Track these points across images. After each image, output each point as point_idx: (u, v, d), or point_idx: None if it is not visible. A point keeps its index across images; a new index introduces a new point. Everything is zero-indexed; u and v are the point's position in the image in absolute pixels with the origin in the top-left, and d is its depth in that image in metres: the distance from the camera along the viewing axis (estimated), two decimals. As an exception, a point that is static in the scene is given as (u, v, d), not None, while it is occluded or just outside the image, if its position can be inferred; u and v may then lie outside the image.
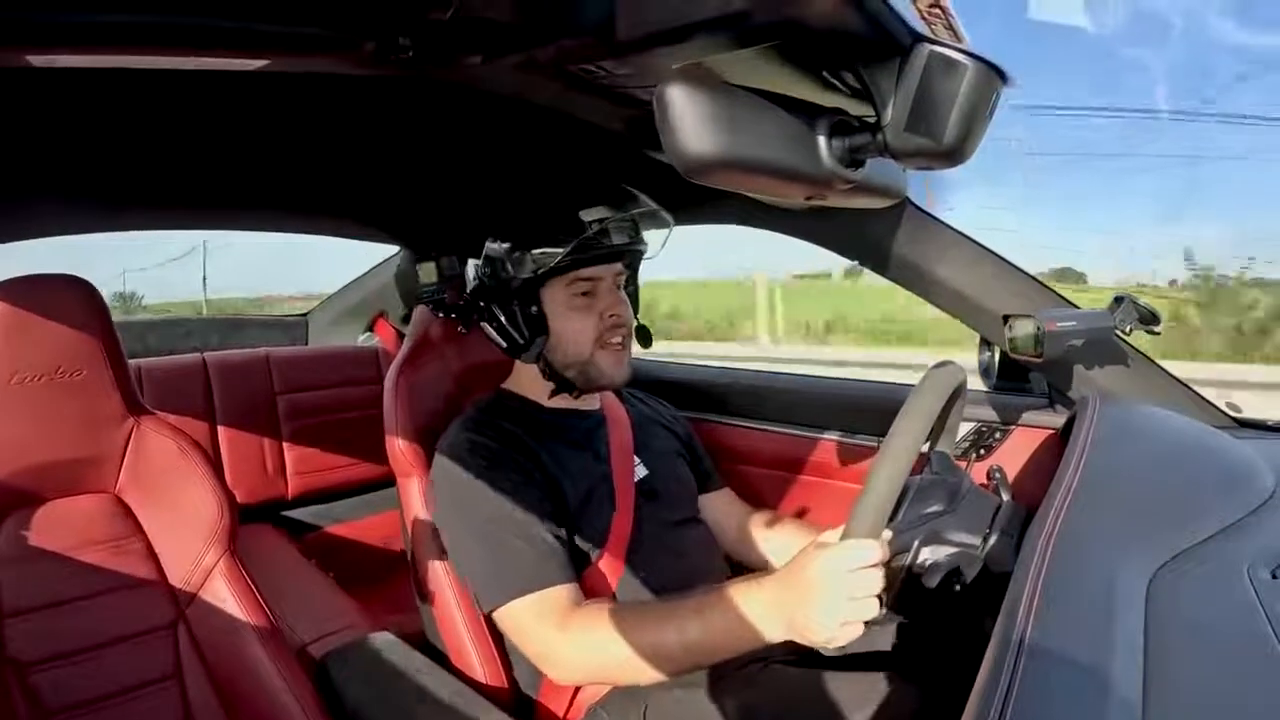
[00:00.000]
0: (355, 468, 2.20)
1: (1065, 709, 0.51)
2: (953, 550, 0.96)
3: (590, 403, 1.39)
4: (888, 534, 0.90)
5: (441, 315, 1.49)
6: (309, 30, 0.86)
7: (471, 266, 1.32)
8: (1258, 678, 0.56)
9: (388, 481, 1.39)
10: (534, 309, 1.26)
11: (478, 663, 1.25)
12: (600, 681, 1.18)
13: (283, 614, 1.27)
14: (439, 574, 1.29)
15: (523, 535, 1.16)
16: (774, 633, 0.94)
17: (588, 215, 1.21)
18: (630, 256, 1.32)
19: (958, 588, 0.95)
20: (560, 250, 1.20)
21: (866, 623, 0.88)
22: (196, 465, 1.23)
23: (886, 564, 0.89)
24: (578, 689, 1.22)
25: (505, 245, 1.25)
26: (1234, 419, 1.29)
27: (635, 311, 1.40)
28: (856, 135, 0.64)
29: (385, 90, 1.12)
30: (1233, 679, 0.56)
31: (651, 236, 1.33)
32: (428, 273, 1.45)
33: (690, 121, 0.56)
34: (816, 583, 0.89)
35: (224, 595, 1.19)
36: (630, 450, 1.37)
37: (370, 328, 2.54)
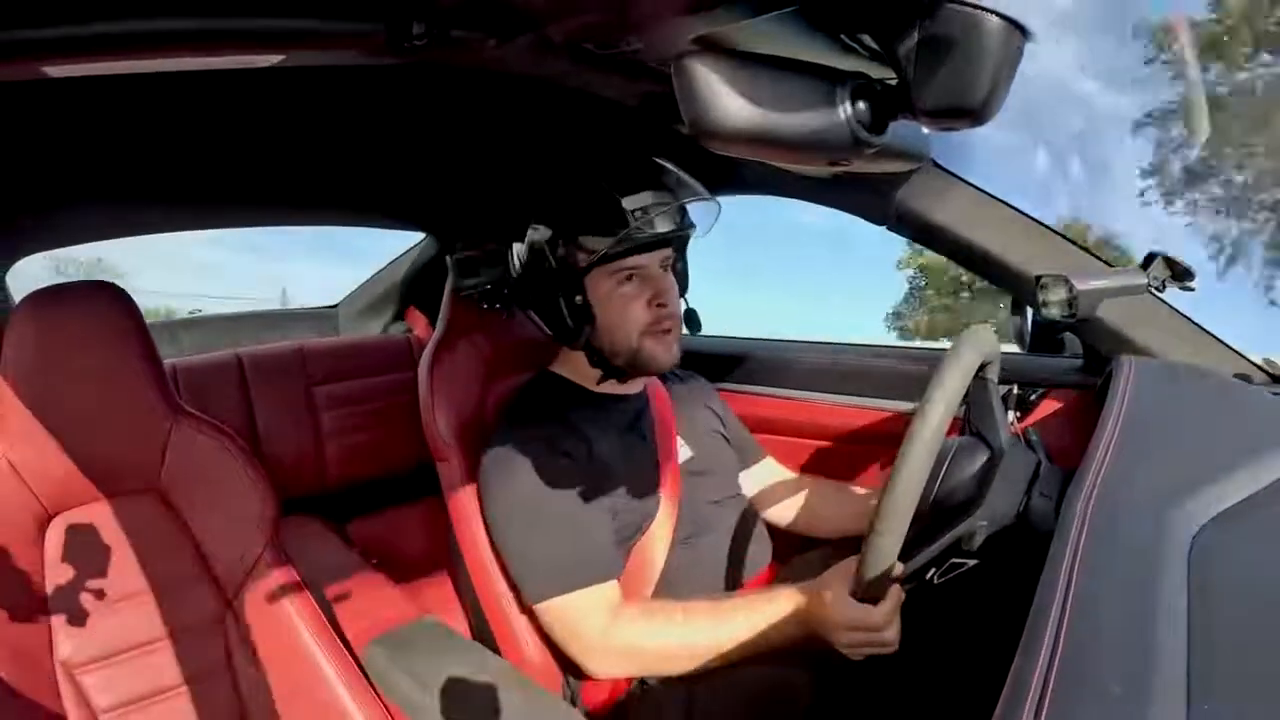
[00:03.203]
0: (394, 455, 2.20)
1: (1110, 670, 0.50)
2: (975, 547, 0.94)
3: (636, 386, 1.39)
4: (899, 567, 0.91)
5: (485, 306, 1.48)
6: (320, 22, 0.86)
7: (515, 253, 1.29)
8: None
9: (427, 468, 1.40)
10: (579, 298, 1.23)
11: (525, 645, 1.27)
12: (638, 675, 1.19)
13: (328, 603, 1.29)
14: (484, 560, 1.30)
15: (570, 529, 1.16)
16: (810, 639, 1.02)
17: (631, 203, 1.17)
18: (676, 241, 1.28)
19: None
20: (605, 238, 1.16)
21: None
22: (236, 459, 1.25)
23: (904, 579, 0.93)
24: None
25: (549, 233, 1.23)
26: (1272, 375, 1.25)
27: (684, 290, 1.37)
28: (879, 99, 0.63)
29: (406, 78, 1.12)
30: (1276, 637, 0.55)
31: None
32: (468, 269, 1.44)
33: (711, 92, 0.55)
34: (835, 632, 0.96)
35: (270, 587, 1.21)
36: (673, 431, 1.37)
37: (400, 315, 2.55)
